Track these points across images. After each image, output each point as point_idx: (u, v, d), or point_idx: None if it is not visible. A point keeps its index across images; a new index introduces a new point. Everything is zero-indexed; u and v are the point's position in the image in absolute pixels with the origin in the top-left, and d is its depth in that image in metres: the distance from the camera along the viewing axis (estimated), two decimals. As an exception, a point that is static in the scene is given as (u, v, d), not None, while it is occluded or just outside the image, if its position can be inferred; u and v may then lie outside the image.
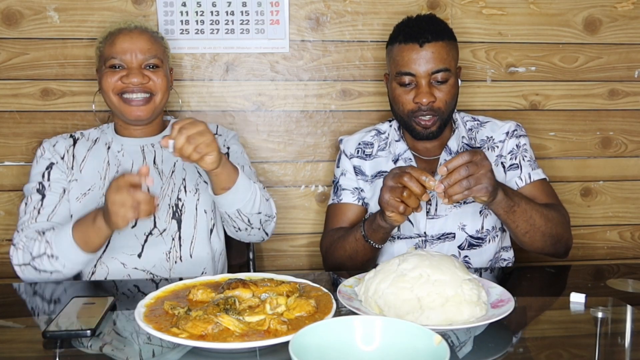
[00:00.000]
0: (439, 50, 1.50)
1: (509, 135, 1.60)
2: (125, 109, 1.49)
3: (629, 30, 1.99)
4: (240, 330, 0.90)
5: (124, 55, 1.48)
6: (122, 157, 1.54)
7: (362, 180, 1.64)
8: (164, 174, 1.54)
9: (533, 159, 1.60)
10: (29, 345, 0.99)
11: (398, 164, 1.60)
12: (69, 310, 1.06)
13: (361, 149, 1.67)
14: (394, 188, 1.26)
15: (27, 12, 1.80)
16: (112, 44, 1.49)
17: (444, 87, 1.51)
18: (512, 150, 1.59)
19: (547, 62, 1.98)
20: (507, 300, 1.04)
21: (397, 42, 1.53)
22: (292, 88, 1.93)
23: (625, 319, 1.09)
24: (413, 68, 1.50)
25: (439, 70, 1.50)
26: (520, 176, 1.56)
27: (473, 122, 1.65)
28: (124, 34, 1.50)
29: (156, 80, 1.50)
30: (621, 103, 2.04)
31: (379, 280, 1.03)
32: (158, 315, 0.97)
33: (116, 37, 1.49)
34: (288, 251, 2.01)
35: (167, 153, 1.50)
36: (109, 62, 1.48)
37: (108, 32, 1.53)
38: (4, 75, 1.82)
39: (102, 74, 1.50)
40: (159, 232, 1.48)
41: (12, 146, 1.86)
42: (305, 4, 1.88)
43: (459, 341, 0.97)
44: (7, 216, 1.88)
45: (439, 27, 1.53)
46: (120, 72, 1.48)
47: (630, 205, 2.09)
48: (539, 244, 1.43)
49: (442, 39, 1.51)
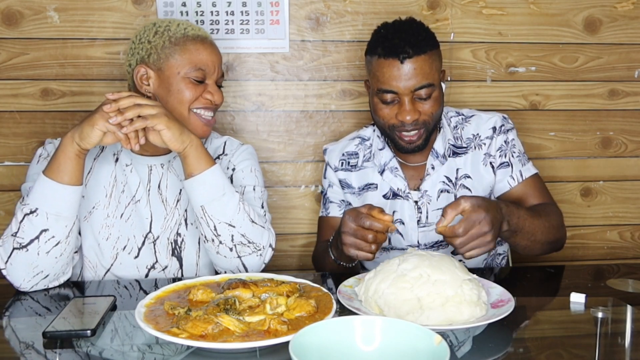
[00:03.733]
0: (421, 66, 1.41)
1: (496, 131, 1.55)
2: (196, 125, 1.38)
3: (629, 30, 1.99)
4: (241, 330, 0.90)
5: (208, 68, 1.38)
6: (129, 173, 1.43)
7: (349, 194, 1.62)
8: (168, 202, 1.44)
9: (522, 152, 1.56)
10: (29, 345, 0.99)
11: (384, 174, 1.57)
12: (69, 310, 1.06)
13: (345, 160, 1.63)
14: (356, 231, 1.22)
15: (27, 12, 1.80)
16: (198, 52, 1.37)
17: (428, 101, 1.44)
18: (500, 147, 1.54)
19: (547, 62, 1.98)
20: (507, 300, 1.04)
21: (377, 56, 1.45)
22: (292, 88, 1.93)
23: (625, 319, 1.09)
24: (394, 85, 1.42)
25: (422, 86, 1.42)
26: (512, 175, 1.53)
27: (457, 117, 1.59)
28: (208, 44, 1.40)
29: (221, 98, 1.43)
30: (621, 103, 2.04)
31: (379, 280, 1.03)
32: (158, 315, 0.97)
33: (202, 46, 1.38)
34: (288, 251, 2.01)
35: (174, 179, 1.45)
36: (194, 72, 1.36)
37: (183, 35, 1.38)
38: (4, 75, 1.82)
39: (181, 84, 1.36)
40: (160, 267, 1.41)
41: (12, 146, 1.86)
42: (305, 4, 1.88)
43: (459, 341, 0.97)
44: (7, 216, 1.88)
45: (419, 37, 1.43)
46: (202, 87, 1.38)
47: (630, 205, 2.09)
48: (537, 252, 1.42)
49: (424, 51, 1.42)
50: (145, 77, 1.39)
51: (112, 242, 1.39)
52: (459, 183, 1.55)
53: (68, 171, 1.23)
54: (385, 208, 1.54)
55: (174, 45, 1.37)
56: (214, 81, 1.41)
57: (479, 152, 1.55)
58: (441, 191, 1.54)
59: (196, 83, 1.37)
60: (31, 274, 1.25)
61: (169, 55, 1.36)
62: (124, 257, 1.40)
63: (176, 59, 1.36)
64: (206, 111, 1.40)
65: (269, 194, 1.96)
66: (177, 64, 1.36)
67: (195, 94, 1.37)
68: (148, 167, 1.45)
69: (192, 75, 1.36)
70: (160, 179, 1.45)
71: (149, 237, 1.41)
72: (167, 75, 1.37)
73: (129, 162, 1.44)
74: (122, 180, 1.43)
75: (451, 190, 1.55)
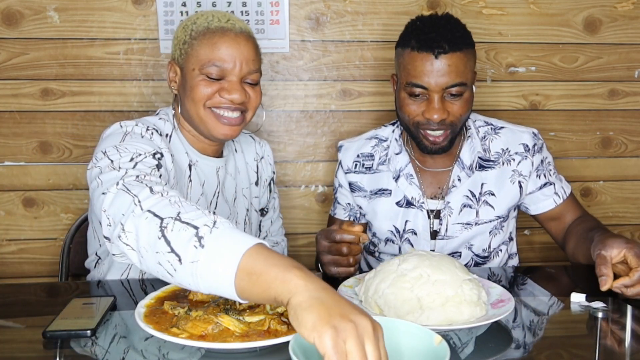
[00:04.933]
0: (456, 63, 1.34)
1: (530, 151, 1.49)
2: (214, 124, 1.28)
3: (629, 30, 1.99)
4: (241, 330, 0.90)
5: (226, 64, 1.25)
6: (199, 174, 1.34)
7: (360, 197, 1.56)
8: (228, 202, 1.41)
9: (555, 168, 1.56)
10: (29, 345, 0.99)
11: (399, 181, 1.51)
12: (69, 310, 1.06)
13: (360, 162, 1.57)
14: (330, 247, 1.22)
15: (27, 12, 1.80)
16: (214, 46, 1.24)
17: (458, 101, 1.38)
18: (538, 168, 1.50)
19: (547, 62, 1.98)
20: (507, 300, 1.04)
21: (409, 48, 1.37)
22: (292, 88, 1.93)
23: (625, 319, 1.09)
24: (425, 81, 1.35)
25: (454, 85, 1.35)
26: (557, 192, 1.51)
27: (486, 127, 1.52)
28: (230, 37, 1.25)
29: (254, 97, 1.30)
30: (621, 103, 2.04)
31: (379, 280, 1.03)
32: (158, 315, 0.97)
33: (220, 39, 1.25)
34: (289, 251, 2.00)
35: (230, 178, 1.43)
36: (207, 69, 1.24)
37: (205, 27, 1.27)
38: (4, 75, 1.82)
39: (195, 81, 1.26)
40: None
41: (12, 146, 1.85)
42: (305, 4, 1.88)
43: (459, 341, 0.97)
44: (7, 216, 1.88)
45: (456, 34, 1.37)
46: (219, 85, 1.26)
47: (630, 205, 2.09)
48: None
49: (460, 49, 1.35)
50: (174, 76, 1.32)
51: None
52: (482, 199, 1.49)
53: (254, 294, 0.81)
54: (397, 216, 1.51)
55: (193, 40, 1.27)
56: (238, 78, 1.26)
57: (507, 168, 1.49)
58: (464, 205, 1.48)
59: (211, 80, 1.26)
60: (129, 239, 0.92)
61: (188, 51, 1.27)
62: None
63: (193, 54, 1.26)
64: (227, 111, 1.28)
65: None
66: (193, 59, 1.26)
67: (209, 91, 1.26)
68: (216, 170, 1.39)
69: (205, 71, 1.25)
70: (224, 180, 1.42)
71: None
72: (185, 73, 1.28)
73: (195, 161, 1.35)
74: (197, 181, 1.35)
75: (473, 206, 1.48)
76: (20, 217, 1.89)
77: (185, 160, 1.33)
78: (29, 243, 1.90)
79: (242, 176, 1.49)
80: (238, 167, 1.49)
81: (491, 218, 1.49)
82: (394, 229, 1.52)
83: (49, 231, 1.90)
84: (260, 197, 1.55)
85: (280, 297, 0.78)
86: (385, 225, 1.52)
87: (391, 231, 1.52)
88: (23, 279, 1.88)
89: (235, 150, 1.49)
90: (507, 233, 1.54)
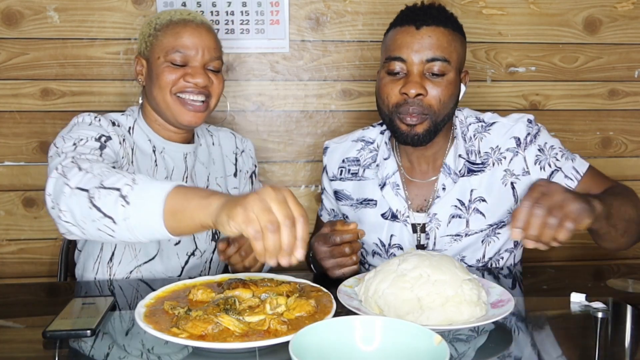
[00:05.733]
0: (438, 37, 1.26)
1: (522, 143, 1.35)
2: (179, 111, 1.33)
3: (629, 30, 1.99)
4: (240, 330, 0.90)
5: (189, 51, 1.32)
6: (166, 159, 1.40)
7: (346, 206, 1.48)
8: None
9: (563, 148, 1.37)
10: (29, 345, 0.99)
11: (385, 190, 1.40)
12: (69, 310, 1.06)
13: (345, 167, 1.48)
14: (332, 251, 1.21)
15: (27, 12, 1.80)
16: (177, 35, 1.32)
17: (439, 81, 1.27)
18: (538, 159, 1.34)
19: (547, 62, 1.98)
20: (507, 300, 1.04)
21: (393, 27, 1.33)
22: (292, 88, 1.93)
23: (625, 319, 1.09)
24: (405, 52, 1.27)
25: (434, 58, 1.26)
26: (568, 175, 1.33)
27: (477, 124, 1.39)
28: (192, 27, 1.33)
29: (217, 84, 1.36)
30: (621, 103, 2.04)
31: (379, 280, 1.03)
32: (158, 315, 0.97)
33: (183, 29, 1.33)
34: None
35: (201, 166, 1.45)
36: (171, 55, 1.31)
37: (169, 20, 1.35)
38: (4, 75, 1.82)
39: (160, 68, 1.33)
40: (200, 253, 1.43)
41: (12, 146, 1.85)
42: (305, 4, 1.88)
43: (459, 341, 0.97)
44: (7, 216, 1.88)
45: (445, 15, 1.31)
46: (182, 70, 1.32)
47: (630, 205, 2.09)
48: (635, 237, 1.24)
49: (445, 25, 1.28)
50: (140, 69, 1.39)
51: None
52: (472, 207, 1.36)
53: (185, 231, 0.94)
54: (383, 229, 1.41)
55: (157, 32, 1.35)
56: (201, 64, 1.33)
57: (497, 169, 1.35)
58: (452, 216, 1.36)
59: (176, 67, 1.32)
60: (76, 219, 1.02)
61: (153, 43, 1.35)
62: (166, 243, 1.38)
63: (157, 44, 1.34)
64: (192, 95, 1.33)
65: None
66: (157, 49, 1.34)
67: (175, 76, 1.32)
68: (183, 155, 1.42)
69: (170, 58, 1.32)
70: (193, 166, 1.45)
71: None
72: (151, 62, 1.35)
73: (162, 149, 1.41)
74: (162, 165, 1.39)
75: (463, 216, 1.36)
76: (20, 217, 1.89)
77: (149, 147, 1.39)
78: (29, 243, 1.90)
79: (217, 167, 1.53)
80: (213, 158, 1.52)
81: (482, 227, 1.36)
82: (379, 242, 1.43)
83: (49, 231, 1.90)
84: (242, 189, 1.58)
85: (205, 221, 0.89)
86: (371, 237, 1.43)
87: (376, 244, 1.44)
88: (23, 279, 1.88)
89: (212, 143, 1.54)
90: (507, 240, 1.40)
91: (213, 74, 1.36)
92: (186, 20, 1.34)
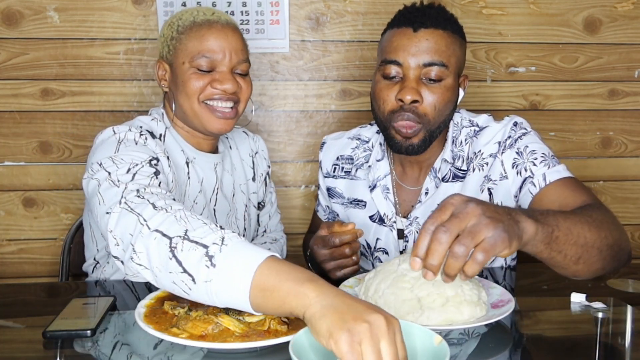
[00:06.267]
0: (437, 40, 1.22)
1: (501, 148, 1.28)
2: (209, 119, 1.27)
3: (629, 30, 1.99)
4: (241, 330, 0.90)
5: (216, 55, 1.25)
6: (197, 170, 1.33)
7: (337, 204, 1.49)
8: (227, 198, 1.42)
9: (548, 154, 1.25)
10: (29, 345, 0.99)
11: (374, 192, 1.39)
12: (69, 310, 1.06)
13: (339, 165, 1.47)
14: (332, 253, 1.20)
15: (27, 12, 1.80)
16: (202, 38, 1.24)
17: (436, 86, 1.23)
18: (515, 164, 1.26)
19: (547, 62, 1.98)
20: (507, 300, 1.04)
21: (390, 28, 1.29)
22: (292, 88, 1.93)
23: (625, 319, 1.09)
24: (401, 56, 1.22)
25: (432, 63, 1.22)
26: (534, 181, 1.21)
27: (470, 128, 1.34)
28: (218, 29, 1.25)
29: (245, 88, 1.30)
30: (621, 103, 2.04)
31: (379, 280, 1.03)
32: (158, 315, 0.97)
33: (208, 31, 1.25)
34: (288, 251, 2.00)
35: (227, 174, 1.42)
36: (197, 61, 1.24)
37: (192, 22, 1.27)
38: (4, 75, 1.82)
39: (186, 75, 1.26)
40: None
41: (12, 146, 1.86)
42: (305, 4, 1.88)
43: (459, 341, 0.97)
44: (7, 216, 1.88)
45: (444, 16, 1.26)
46: (210, 76, 1.26)
47: (630, 205, 2.09)
48: (598, 265, 1.02)
49: (444, 27, 1.23)
50: (163, 73, 1.32)
51: None
52: None
53: (269, 309, 0.84)
54: (370, 232, 1.41)
55: (180, 35, 1.27)
56: (229, 68, 1.27)
57: (477, 175, 1.30)
58: None
59: (203, 73, 1.26)
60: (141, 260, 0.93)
61: (176, 47, 1.27)
62: None
63: (181, 48, 1.26)
64: (221, 102, 1.27)
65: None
66: (182, 54, 1.26)
67: (202, 84, 1.25)
68: (214, 165, 1.39)
69: (196, 64, 1.25)
70: (222, 176, 1.41)
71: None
72: (175, 68, 1.28)
73: (192, 159, 1.35)
74: (195, 178, 1.34)
75: None
76: (20, 217, 1.89)
77: (182, 158, 1.32)
78: (29, 243, 1.90)
79: (239, 172, 1.49)
80: (234, 163, 1.48)
81: None
82: (366, 243, 1.44)
83: (49, 231, 1.90)
84: (258, 192, 1.55)
85: (296, 311, 0.79)
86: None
87: (363, 246, 1.44)
88: (23, 279, 1.88)
89: (230, 147, 1.49)
90: None
91: (241, 77, 1.30)
92: (211, 21, 1.26)
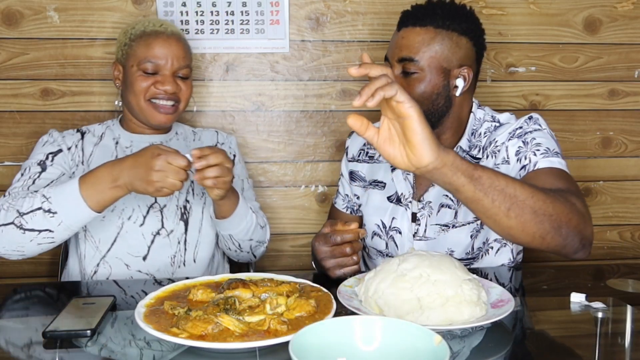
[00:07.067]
0: (412, 37, 1.32)
1: (510, 134, 1.34)
2: (152, 114, 1.49)
3: (629, 30, 1.99)
4: (240, 330, 0.90)
5: (159, 60, 1.47)
6: (130, 152, 1.50)
7: (358, 187, 1.57)
8: None
9: (551, 149, 1.28)
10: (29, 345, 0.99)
11: (395, 173, 1.47)
12: (69, 310, 1.06)
13: (364, 150, 1.57)
14: (333, 251, 1.22)
15: (27, 12, 1.80)
16: (149, 46, 1.47)
17: (409, 79, 1.33)
18: (518, 151, 1.30)
19: (547, 62, 1.98)
20: (507, 300, 1.04)
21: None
22: (292, 88, 1.93)
23: (625, 319, 1.09)
24: (389, 53, 1.39)
25: (402, 58, 1.33)
26: (527, 167, 1.26)
27: (491, 123, 1.41)
28: (163, 39, 1.48)
29: (185, 90, 1.51)
30: (621, 103, 2.04)
31: (379, 280, 1.03)
32: (158, 315, 0.97)
33: (154, 40, 1.47)
34: (288, 251, 2.01)
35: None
36: (143, 65, 1.46)
37: (142, 31, 1.49)
38: (4, 75, 1.82)
39: (134, 76, 1.48)
40: (166, 232, 1.48)
41: (12, 146, 1.86)
42: (305, 4, 1.88)
43: (459, 341, 0.97)
44: (7, 216, 1.88)
45: (433, 12, 1.34)
46: (153, 78, 1.47)
47: (630, 205, 2.09)
48: (533, 227, 1.02)
49: (424, 24, 1.32)
50: (117, 74, 1.54)
51: (117, 213, 1.45)
52: None
53: (103, 201, 1.25)
54: (386, 211, 1.48)
55: (132, 42, 1.49)
56: (171, 72, 1.48)
57: (490, 162, 1.36)
58: (442, 205, 1.40)
59: (148, 75, 1.47)
60: (11, 248, 1.30)
61: (128, 52, 1.50)
62: (129, 225, 1.46)
63: (132, 53, 1.48)
64: (163, 100, 1.48)
65: (269, 193, 1.96)
66: (132, 58, 1.48)
67: (147, 84, 1.46)
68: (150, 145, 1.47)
69: (142, 67, 1.46)
70: None
71: (154, 207, 1.48)
72: (126, 70, 1.50)
73: (129, 143, 1.54)
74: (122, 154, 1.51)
75: (453, 206, 1.39)
76: (20, 217, 1.88)
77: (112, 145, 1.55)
78: (29, 243, 1.90)
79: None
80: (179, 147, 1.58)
81: (469, 220, 1.39)
82: (381, 223, 1.50)
83: (49, 231, 1.89)
84: None
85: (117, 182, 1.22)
86: (374, 218, 1.51)
87: (378, 225, 1.50)
88: (23, 279, 1.88)
89: (193, 139, 1.65)
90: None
91: (182, 80, 1.51)
92: (158, 32, 1.49)
